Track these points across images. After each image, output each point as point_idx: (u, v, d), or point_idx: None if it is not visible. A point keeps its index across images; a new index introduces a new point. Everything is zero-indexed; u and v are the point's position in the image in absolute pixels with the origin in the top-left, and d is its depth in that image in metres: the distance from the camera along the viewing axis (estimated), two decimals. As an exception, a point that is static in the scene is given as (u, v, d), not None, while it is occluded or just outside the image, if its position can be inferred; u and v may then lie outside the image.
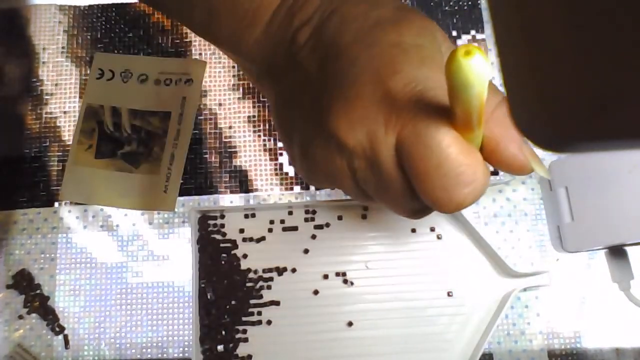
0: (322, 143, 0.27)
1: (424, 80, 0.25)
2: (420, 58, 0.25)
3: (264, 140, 0.48)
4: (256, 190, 0.47)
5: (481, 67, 0.19)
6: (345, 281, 0.44)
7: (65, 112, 0.49)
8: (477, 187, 0.24)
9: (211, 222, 0.46)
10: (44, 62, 0.51)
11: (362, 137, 0.25)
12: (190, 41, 0.51)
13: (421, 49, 0.26)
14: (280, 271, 0.45)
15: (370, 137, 0.25)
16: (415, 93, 0.24)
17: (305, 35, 0.28)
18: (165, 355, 0.44)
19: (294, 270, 0.45)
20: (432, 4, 0.51)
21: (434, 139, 0.24)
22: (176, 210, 0.47)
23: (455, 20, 0.50)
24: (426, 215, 0.29)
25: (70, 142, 0.49)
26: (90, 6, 0.52)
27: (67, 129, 0.49)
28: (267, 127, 0.49)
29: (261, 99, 0.49)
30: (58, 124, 0.49)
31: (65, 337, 0.45)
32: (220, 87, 0.50)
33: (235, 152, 0.48)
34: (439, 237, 0.45)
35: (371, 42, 0.26)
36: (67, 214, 0.47)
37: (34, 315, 0.45)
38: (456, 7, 0.50)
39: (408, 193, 0.26)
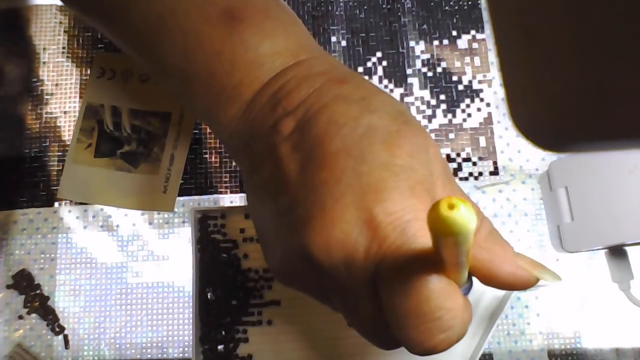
0: (295, 254, 0.25)
1: (412, 211, 0.23)
2: (409, 186, 0.23)
3: (264, 140, 0.48)
4: (256, 190, 0.47)
5: (466, 218, 0.17)
6: (345, 281, 0.44)
7: (65, 112, 0.49)
8: (452, 335, 0.23)
9: (211, 222, 0.46)
10: (44, 62, 0.51)
11: (339, 262, 0.23)
12: (191, 41, 0.50)
13: (412, 172, 0.24)
14: (280, 271, 0.45)
15: (347, 262, 0.23)
16: (400, 224, 0.23)
17: (289, 128, 0.26)
18: (165, 355, 0.44)
19: (294, 270, 0.45)
20: (432, 4, 0.51)
21: (413, 278, 0.22)
22: (176, 210, 0.47)
23: (455, 20, 0.50)
24: (394, 348, 0.27)
25: (70, 142, 0.49)
26: (90, 6, 0.52)
27: (67, 129, 0.49)
28: (267, 127, 0.49)
29: (261, 99, 0.49)
30: (58, 124, 0.49)
31: (65, 337, 0.45)
32: (221, 87, 0.49)
33: (236, 152, 0.48)
34: (439, 237, 0.45)
35: (359, 156, 0.24)
36: (67, 214, 0.47)
37: (34, 315, 0.45)
38: (456, 7, 0.50)
39: (379, 325, 0.24)
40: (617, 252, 0.44)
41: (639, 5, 0.10)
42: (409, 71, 0.49)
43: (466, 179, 0.47)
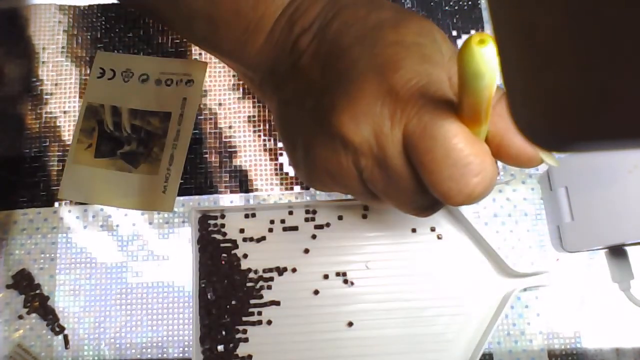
0: (327, 144, 0.27)
1: (427, 75, 0.25)
2: (421, 55, 0.25)
3: (264, 140, 0.48)
4: (256, 190, 0.47)
5: (493, 55, 0.19)
6: (345, 281, 0.44)
7: (65, 112, 0.49)
8: (485, 177, 0.25)
9: (211, 222, 0.46)
10: (43, 62, 0.51)
11: (368, 134, 0.25)
12: (190, 41, 0.51)
13: (422, 47, 0.26)
14: (281, 271, 0.45)
15: (376, 132, 0.25)
16: (419, 88, 0.24)
17: (306, 41, 0.28)
18: (165, 355, 0.44)
19: (294, 270, 0.45)
20: (432, 4, 0.51)
21: (440, 130, 0.24)
22: (176, 210, 0.47)
23: (455, 20, 0.50)
24: (434, 212, 0.28)
25: (70, 142, 0.49)
26: (90, 6, 0.52)
27: (67, 128, 0.49)
28: (267, 127, 0.49)
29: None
30: (58, 124, 0.49)
31: (65, 337, 0.45)
32: (220, 87, 0.50)
33: (235, 152, 0.48)
34: (439, 237, 0.45)
35: (372, 42, 0.26)
36: (67, 213, 0.47)
37: (34, 315, 0.45)
38: (456, 7, 0.50)
39: (417, 188, 0.26)
40: (617, 252, 0.44)
41: (638, 4, 0.10)
42: (409, 71, 0.49)
43: (466, 178, 0.47)
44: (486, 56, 0.19)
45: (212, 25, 0.30)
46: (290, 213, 0.46)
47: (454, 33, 0.50)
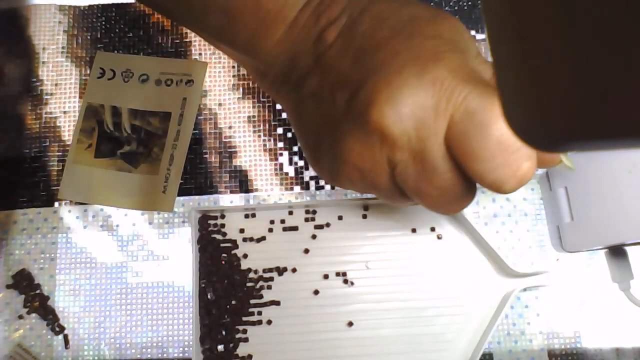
0: (361, 138, 0.26)
1: (467, 66, 0.25)
2: (459, 50, 0.26)
3: (264, 140, 0.48)
4: (256, 190, 0.47)
5: None
6: (345, 281, 0.44)
7: (65, 112, 0.49)
8: (534, 160, 0.25)
9: (211, 222, 0.46)
10: (44, 62, 0.51)
11: (410, 126, 0.25)
12: (190, 41, 0.50)
13: (457, 43, 0.26)
14: (281, 271, 0.45)
15: (418, 125, 0.25)
16: (463, 77, 0.24)
17: (334, 35, 0.27)
18: (165, 355, 0.44)
19: (294, 270, 0.45)
20: (432, 4, 0.51)
21: (490, 116, 0.24)
22: (176, 210, 0.47)
23: (455, 20, 0.50)
24: (462, 209, 0.28)
25: (70, 142, 0.49)
26: (90, 6, 0.52)
27: (67, 129, 0.49)
28: (267, 127, 0.49)
29: (261, 99, 0.49)
30: (58, 124, 0.49)
31: (65, 337, 0.45)
32: (220, 87, 0.50)
33: (235, 152, 0.48)
34: (439, 237, 0.45)
35: (410, 35, 0.26)
36: (67, 213, 0.47)
37: (34, 315, 0.45)
38: (456, 7, 0.50)
39: (456, 181, 0.26)
40: (617, 252, 0.44)
41: (639, 3, 0.10)
42: (409, 71, 0.49)
43: (466, 178, 0.47)
44: None
45: (228, 15, 0.29)
46: (290, 213, 0.46)
47: (454, 33, 0.50)
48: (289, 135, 0.48)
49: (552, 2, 0.11)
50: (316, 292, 0.44)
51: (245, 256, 0.45)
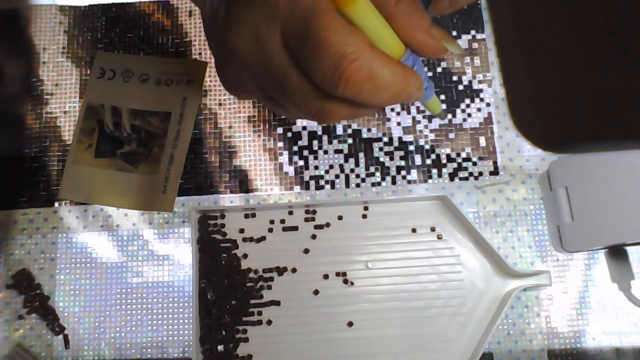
0: (225, 59, 0.28)
1: None
2: None
3: (264, 140, 0.48)
4: (256, 190, 0.47)
5: None
6: (345, 281, 0.44)
7: (65, 112, 0.49)
8: (362, 63, 0.25)
9: (211, 222, 0.46)
10: (44, 62, 0.51)
11: (248, 38, 0.26)
12: (190, 41, 0.51)
13: None
14: (281, 271, 0.45)
15: (254, 35, 0.26)
16: None
17: None
18: (165, 355, 0.44)
19: (294, 270, 0.45)
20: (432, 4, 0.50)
21: (312, 24, 0.24)
22: (176, 210, 0.47)
23: (455, 20, 0.50)
24: (334, 116, 0.28)
25: (70, 142, 0.49)
26: (90, 6, 0.52)
27: (67, 128, 0.49)
28: (267, 127, 0.49)
29: (261, 99, 0.49)
30: (58, 124, 0.49)
31: (65, 337, 0.45)
32: (220, 87, 0.49)
33: (235, 152, 0.48)
34: (439, 237, 0.45)
35: None
36: (67, 214, 0.47)
37: (34, 315, 0.45)
38: (456, 7, 0.50)
39: (304, 84, 0.26)
40: (617, 252, 0.44)
41: (638, 5, 0.10)
42: (409, 71, 0.49)
43: (466, 179, 0.47)
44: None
45: None
46: (290, 213, 0.46)
47: (454, 33, 0.50)
48: (289, 135, 0.48)
49: (559, 5, 0.11)
50: (316, 292, 0.44)
51: (245, 256, 0.45)
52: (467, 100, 0.48)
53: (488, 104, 0.48)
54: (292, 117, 0.32)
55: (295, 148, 0.48)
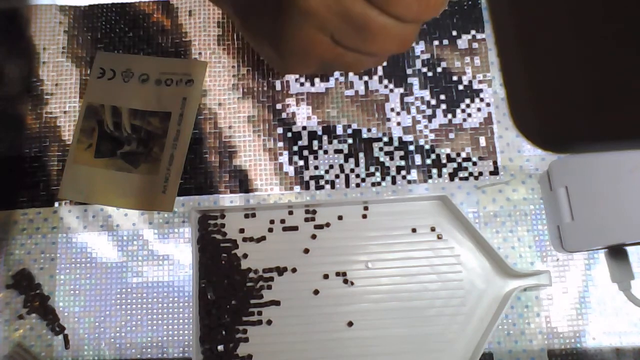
0: (293, 24, 0.30)
1: None
2: None
3: (264, 140, 0.48)
4: (256, 190, 0.47)
5: None
6: (345, 281, 0.44)
7: (65, 112, 0.49)
8: None
9: (211, 222, 0.46)
10: (44, 62, 0.51)
11: None
12: (190, 41, 0.51)
13: None
14: (281, 271, 0.45)
15: None
16: None
17: None
18: (165, 355, 0.44)
19: (294, 270, 0.45)
20: (432, 4, 0.50)
21: None
22: (176, 210, 0.47)
23: (455, 20, 0.50)
24: (410, 41, 0.31)
25: (70, 142, 0.49)
26: (90, 6, 0.52)
27: (67, 128, 0.49)
28: (267, 127, 0.49)
29: (261, 99, 0.49)
30: (58, 124, 0.49)
31: (65, 337, 0.45)
32: (220, 87, 0.50)
33: (235, 152, 0.48)
34: (439, 237, 0.45)
35: None
36: (67, 213, 0.47)
37: (34, 315, 0.45)
38: (456, 7, 0.50)
39: (387, 21, 0.29)
40: (617, 252, 0.44)
41: (638, 5, 0.10)
42: (409, 71, 0.49)
43: (466, 179, 0.47)
44: None
45: None
46: (290, 213, 0.46)
47: (454, 33, 0.50)
48: (289, 135, 0.48)
49: (559, 6, 0.11)
50: (316, 292, 0.44)
51: (245, 256, 0.45)
52: (467, 100, 0.48)
53: (488, 104, 0.48)
54: (359, 66, 0.34)
55: (295, 148, 0.48)
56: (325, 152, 0.48)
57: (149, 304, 0.45)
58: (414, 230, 0.45)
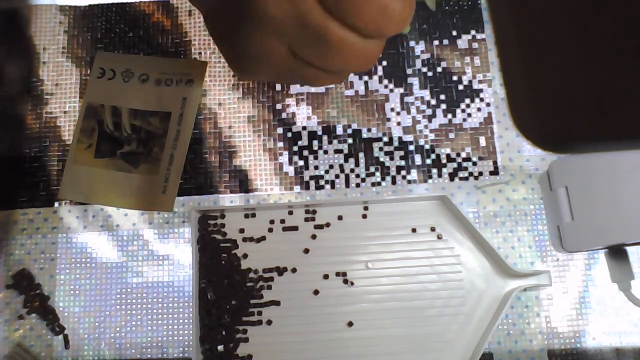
0: (253, 29, 0.28)
1: None
2: None
3: (264, 140, 0.48)
4: (256, 190, 0.47)
5: None
6: (345, 281, 0.44)
7: (65, 112, 0.49)
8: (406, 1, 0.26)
9: (211, 222, 0.46)
10: (44, 62, 0.51)
11: (285, 3, 0.27)
12: (190, 41, 0.51)
13: None
14: (281, 271, 0.45)
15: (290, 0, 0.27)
16: None
17: None
18: (165, 355, 0.44)
19: (294, 270, 0.45)
20: (432, 4, 0.51)
21: None
22: (176, 210, 0.47)
23: (455, 20, 0.50)
24: (374, 58, 0.29)
25: (70, 142, 0.49)
26: (90, 6, 0.52)
27: (67, 128, 0.49)
28: (267, 127, 0.49)
29: (261, 99, 0.49)
30: (58, 124, 0.49)
31: (65, 337, 0.45)
32: (220, 87, 0.50)
33: (235, 152, 0.48)
34: (439, 237, 0.45)
35: None
36: (67, 214, 0.47)
37: (34, 315, 0.45)
38: (456, 7, 0.50)
39: (347, 35, 0.27)
40: (617, 252, 0.44)
41: (638, 5, 0.10)
42: (409, 71, 0.49)
43: (466, 179, 0.47)
44: None
45: None
46: (290, 213, 0.46)
47: (454, 33, 0.50)
48: (289, 135, 0.48)
49: (559, 5, 0.11)
50: (316, 292, 0.44)
51: (245, 256, 0.45)
52: (467, 100, 0.48)
53: (488, 104, 0.48)
54: (316, 82, 0.33)
55: (295, 148, 0.48)
56: (325, 152, 0.48)
57: (149, 304, 0.45)
58: (414, 230, 0.45)
